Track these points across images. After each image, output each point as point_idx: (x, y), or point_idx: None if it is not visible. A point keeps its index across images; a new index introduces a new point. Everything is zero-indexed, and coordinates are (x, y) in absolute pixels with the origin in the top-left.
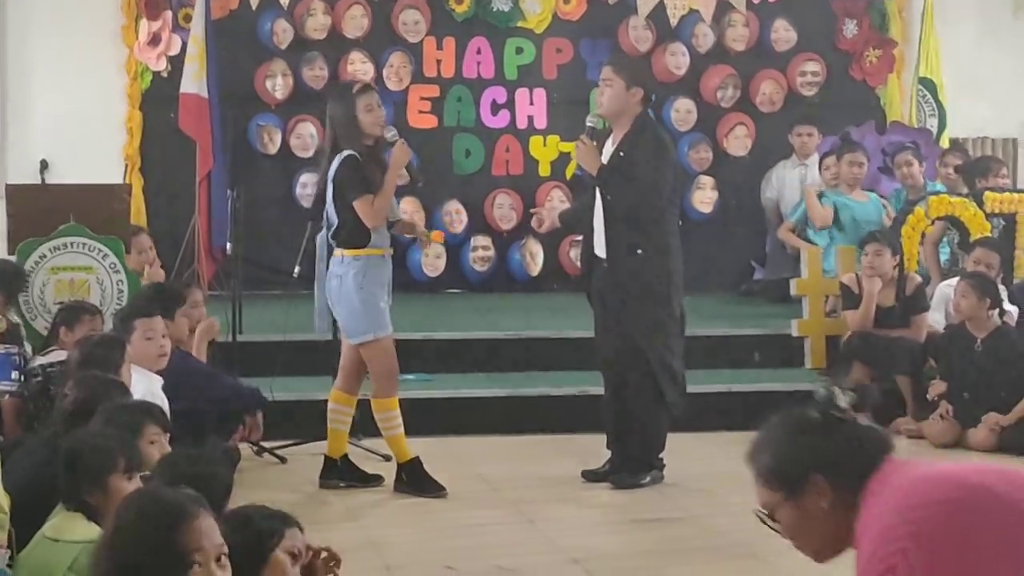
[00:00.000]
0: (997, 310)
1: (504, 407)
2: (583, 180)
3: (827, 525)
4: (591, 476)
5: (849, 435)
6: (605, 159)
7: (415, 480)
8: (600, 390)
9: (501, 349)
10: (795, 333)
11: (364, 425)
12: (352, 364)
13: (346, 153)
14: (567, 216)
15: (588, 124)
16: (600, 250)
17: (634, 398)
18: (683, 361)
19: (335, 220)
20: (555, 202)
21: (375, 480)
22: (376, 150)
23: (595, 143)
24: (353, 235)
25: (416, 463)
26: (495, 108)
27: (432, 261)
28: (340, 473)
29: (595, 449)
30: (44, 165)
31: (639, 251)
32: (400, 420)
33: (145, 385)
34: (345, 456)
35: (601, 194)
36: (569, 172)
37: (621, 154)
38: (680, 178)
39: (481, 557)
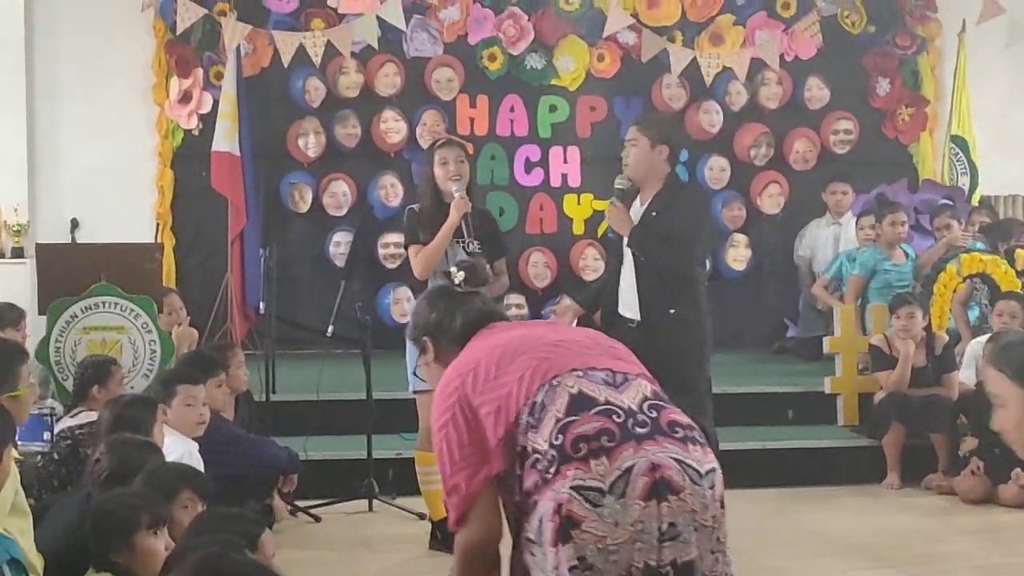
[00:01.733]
0: None
1: None
2: (612, 240)
3: (440, 375)
4: None
5: (452, 306)
6: (635, 218)
7: (450, 537)
8: None
9: None
10: (828, 390)
11: (403, 483)
12: (426, 420)
13: (409, 207)
14: (589, 299)
15: (617, 186)
16: (627, 310)
17: None
18: (712, 420)
19: None
20: (589, 260)
21: None
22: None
23: (625, 204)
24: (414, 286)
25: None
26: (529, 166)
27: None
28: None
29: None
30: (75, 224)
31: (672, 311)
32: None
33: (181, 448)
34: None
35: (633, 256)
36: (601, 230)
37: (654, 213)
38: (713, 236)
39: None
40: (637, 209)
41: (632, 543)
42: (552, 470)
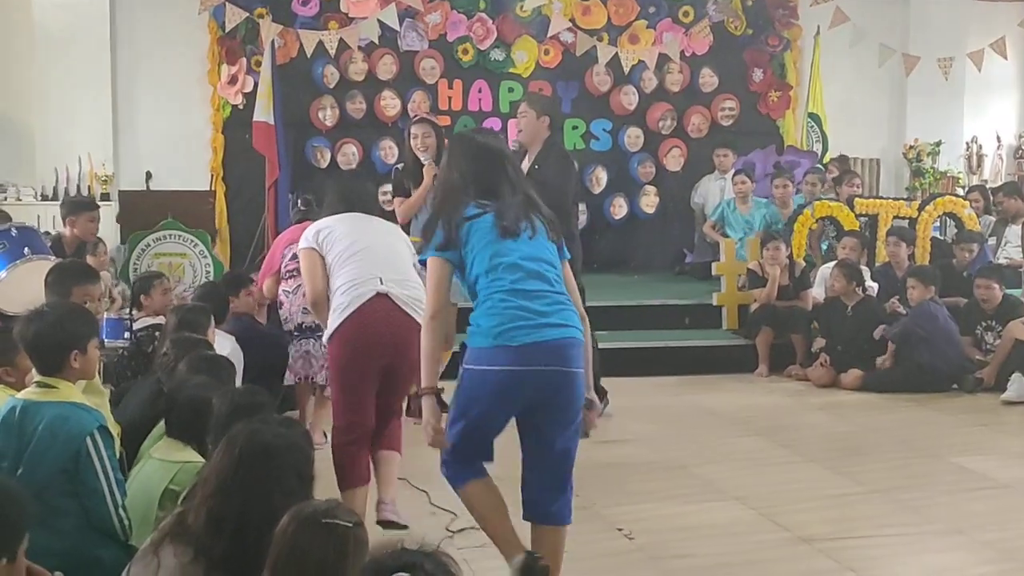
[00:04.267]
0: (861, 287)
1: None
2: None
3: None
4: None
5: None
6: (524, 171)
7: (413, 405)
8: None
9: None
10: (715, 303)
11: None
12: None
13: (395, 166)
14: None
15: (512, 149)
16: None
17: None
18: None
19: None
20: None
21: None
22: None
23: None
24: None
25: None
26: None
27: None
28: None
29: None
30: (148, 175)
31: None
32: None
33: (229, 344)
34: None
35: None
36: None
37: (536, 167)
38: (578, 182)
39: None
40: (525, 164)
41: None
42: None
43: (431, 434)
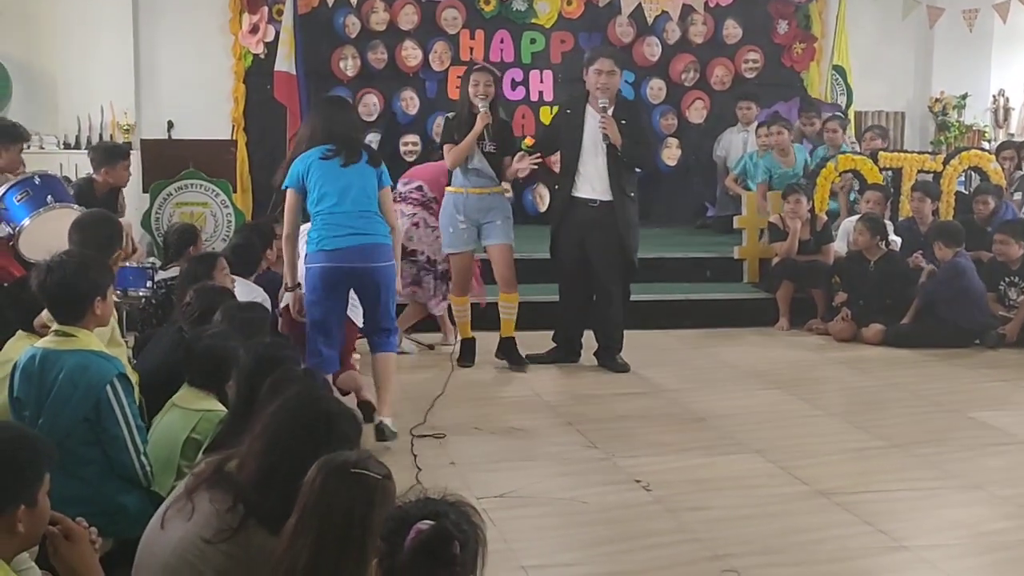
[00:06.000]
0: (885, 241)
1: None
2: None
3: None
4: (535, 359)
5: None
6: (597, 128)
7: (507, 353)
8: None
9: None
10: (736, 256)
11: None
12: (459, 274)
13: (447, 116)
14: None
15: (602, 105)
16: (588, 194)
17: (621, 303)
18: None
19: None
20: (557, 156)
21: (522, 364)
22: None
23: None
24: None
25: (510, 341)
26: (514, 85)
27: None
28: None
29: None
30: (170, 125)
31: (632, 194)
32: (468, 312)
33: (260, 295)
34: (505, 339)
35: (618, 156)
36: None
37: (623, 122)
38: None
39: (499, 420)
40: (594, 115)
41: None
42: None
43: (296, 311)
